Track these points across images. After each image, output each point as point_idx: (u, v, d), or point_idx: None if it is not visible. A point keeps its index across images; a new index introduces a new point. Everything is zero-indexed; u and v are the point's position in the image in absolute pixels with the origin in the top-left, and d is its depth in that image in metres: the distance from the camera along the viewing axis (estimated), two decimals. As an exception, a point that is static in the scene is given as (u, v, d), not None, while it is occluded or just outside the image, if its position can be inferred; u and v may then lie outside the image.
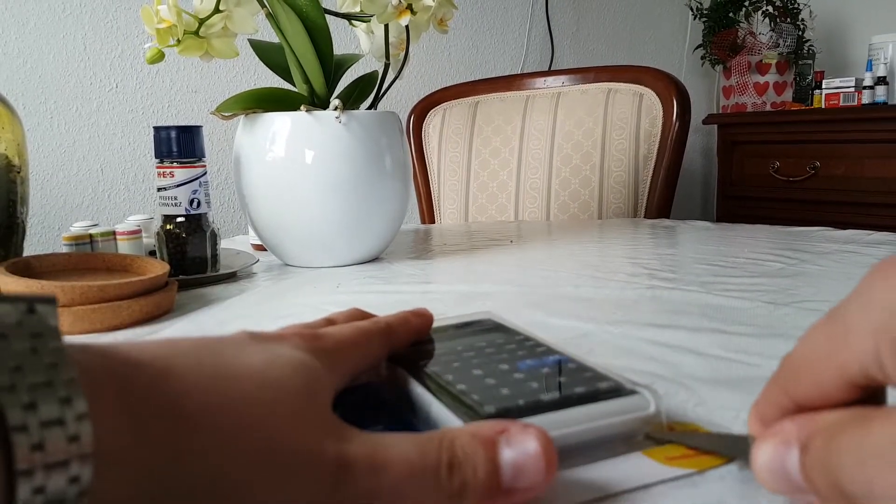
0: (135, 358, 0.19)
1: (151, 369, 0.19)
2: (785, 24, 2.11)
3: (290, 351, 0.23)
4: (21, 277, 0.45)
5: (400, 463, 0.20)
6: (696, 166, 2.42)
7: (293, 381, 0.21)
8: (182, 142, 0.59)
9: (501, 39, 1.92)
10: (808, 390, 0.20)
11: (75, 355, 0.16)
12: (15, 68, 1.29)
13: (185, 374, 0.19)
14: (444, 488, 0.20)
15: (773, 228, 0.85)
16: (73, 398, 0.15)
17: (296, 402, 0.21)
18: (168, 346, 0.21)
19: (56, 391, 0.15)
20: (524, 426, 0.21)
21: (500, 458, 0.21)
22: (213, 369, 0.20)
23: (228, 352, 0.21)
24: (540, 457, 0.21)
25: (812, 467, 0.18)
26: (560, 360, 0.29)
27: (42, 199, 1.33)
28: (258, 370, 0.21)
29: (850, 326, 0.18)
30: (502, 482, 0.20)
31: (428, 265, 0.68)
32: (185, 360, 0.20)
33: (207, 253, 0.61)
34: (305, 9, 0.62)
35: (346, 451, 0.20)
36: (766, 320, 0.43)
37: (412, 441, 0.21)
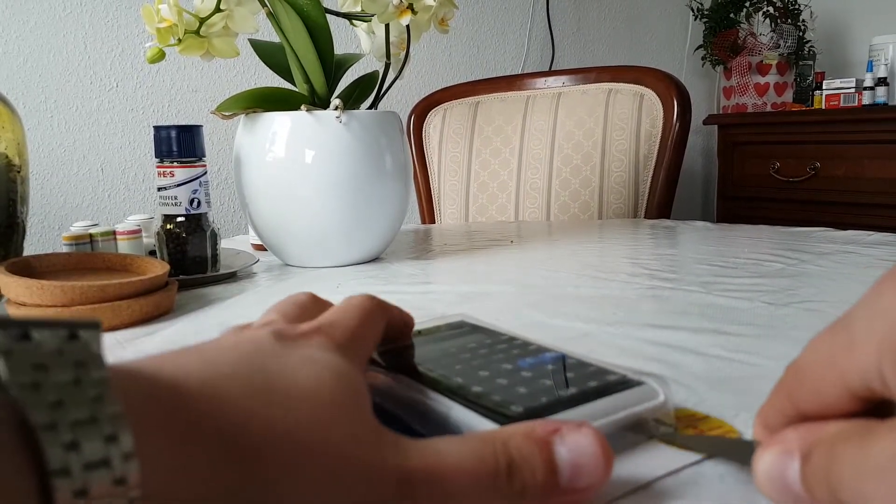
0: (183, 384, 0.18)
1: (202, 398, 0.18)
2: (785, 24, 2.11)
3: (324, 356, 0.22)
4: (21, 277, 0.45)
5: (459, 470, 0.20)
6: (696, 167, 2.42)
7: (343, 397, 0.20)
8: (182, 141, 0.59)
9: (502, 39, 1.92)
10: (810, 399, 0.20)
11: (120, 384, 0.15)
12: (15, 68, 1.29)
13: (237, 401, 0.18)
14: (504, 492, 0.20)
15: (774, 229, 0.85)
16: (119, 435, 0.14)
17: (350, 419, 0.20)
18: (211, 366, 0.19)
19: (101, 428, 0.14)
20: (577, 425, 0.21)
21: (556, 459, 0.20)
22: (265, 394, 0.19)
23: (274, 368, 0.20)
24: (598, 455, 0.21)
25: (812, 478, 0.18)
26: (558, 357, 0.29)
27: (42, 199, 1.33)
28: (310, 390, 0.20)
29: (854, 336, 0.18)
30: (560, 482, 0.20)
31: (428, 265, 0.68)
32: (234, 383, 0.19)
33: (207, 253, 0.61)
34: (306, 8, 0.62)
35: (406, 465, 0.20)
36: (766, 320, 0.43)
37: (467, 446, 0.21)
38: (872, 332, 0.17)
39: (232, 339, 0.22)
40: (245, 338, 0.22)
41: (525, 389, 0.25)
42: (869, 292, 0.18)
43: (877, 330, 0.17)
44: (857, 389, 0.18)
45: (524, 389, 0.25)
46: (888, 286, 0.18)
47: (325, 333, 0.23)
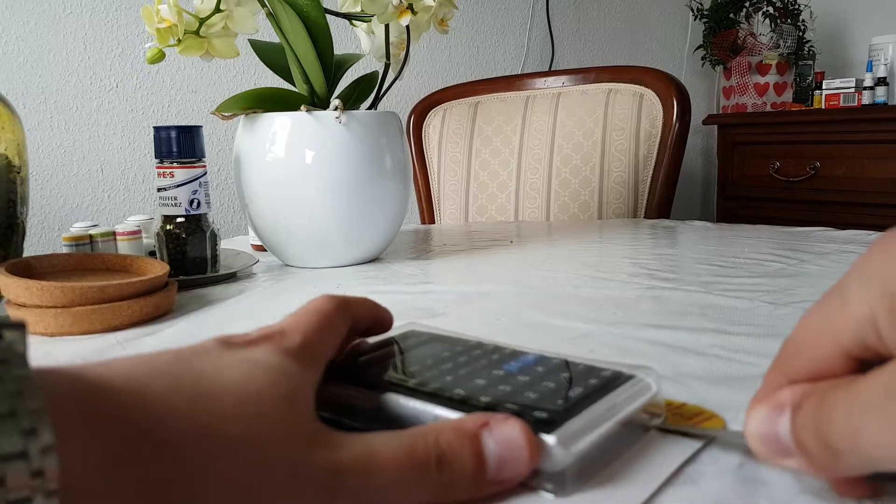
0: (108, 381, 0.18)
1: (126, 394, 0.18)
2: (785, 24, 2.11)
3: (266, 357, 0.22)
4: (21, 278, 0.45)
5: (391, 464, 0.20)
6: (696, 167, 2.42)
7: (273, 392, 0.20)
8: (182, 142, 0.59)
9: (502, 40, 1.92)
10: (804, 367, 0.20)
11: (43, 382, 0.15)
12: (15, 68, 1.29)
13: (162, 397, 0.18)
14: (434, 484, 0.21)
15: (774, 229, 0.85)
16: (38, 429, 0.14)
17: (278, 414, 0.20)
18: (145, 365, 0.20)
19: (19, 422, 0.14)
20: (505, 418, 0.22)
21: (484, 452, 0.21)
22: (192, 389, 0.19)
23: (206, 368, 0.20)
24: (524, 447, 0.21)
25: (802, 426, 0.19)
26: (539, 358, 0.29)
27: (42, 200, 1.33)
28: (237, 385, 0.20)
29: (847, 297, 0.19)
30: (487, 474, 0.21)
31: (428, 265, 0.68)
32: (163, 380, 0.19)
33: (207, 253, 0.61)
34: (306, 8, 0.62)
35: (337, 460, 0.20)
36: (766, 320, 0.43)
37: (399, 440, 0.21)
38: (865, 289, 0.18)
39: (182, 348, 0.22)
40: (192, 345, 0.22)
41: (535, 395, 0.25)
42: (859, 260, 0.19)
43: (869, 287, 0.18)
44: (851, 347, 0.19)
45: (533, 395, 0.25)
46: (877, 250, 0.19)
47: (274, 340, 0.23)
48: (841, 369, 0.19)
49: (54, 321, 0.44)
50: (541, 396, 0.25)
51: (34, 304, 0.44)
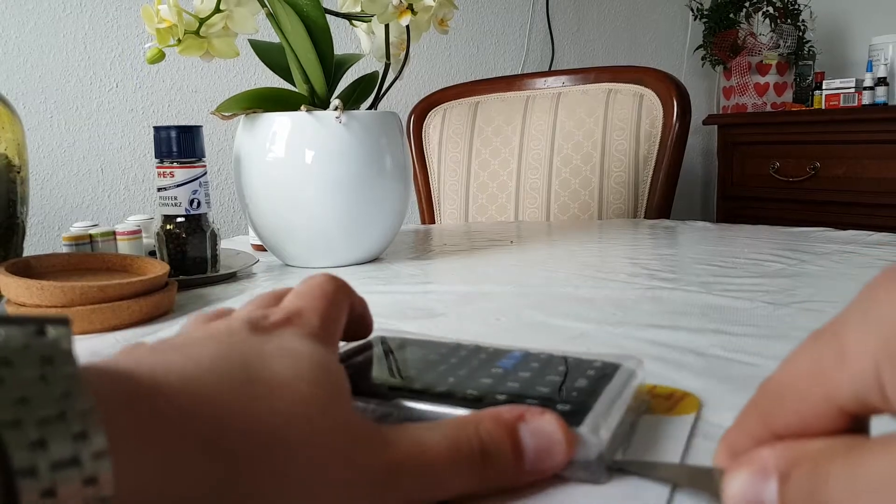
0: (162, 381, 0.17)
1: (183, 395, 0.17)
2: (785, 24, 2.11)
3: (300, 345, 0.22)
4: (21, 278, 0.45)
5: (440, 458, 0.20)
6: (696, 167, 2.42)
7: (323, 388, 0.20)
8: (182, 142, 0.59)
9: (502, 40, 1.92)
10: (789, 418, 0.18)
11: (92, 381, 0.14)
12: (15, 68, 1.29)
13: (219, 398, 0.18)
14: (479, 476, 0.21)
15: (774, 229, 0.85)
16: (90, 433, 0.13)
17: (332, 412, 0.20)
18: (191, 361, 0.19)
19: (69, 425, 0.13)
20: (540, 411, 0.22)
21: (523, 444, 0.21)
22: (247, 388, 0.19)
23: (251, 361, 0.20)
24: (561, 440, 0.21)
25: (794, 499, 0.17)
26: (528, 355, 0.29)
27: (42, 199, 1.33)
28: (288, 382, 0.20)
29: (846, 345, 0.16)
30: (525, 465, 0.21)
31: (428, 265, 0.68)
32: (214, 378, 0.18)
33: (207, 253, 0.61)
34: (306, 9, 0.62)
35: (391, 455, 0.20)
36: (766, 320, 0.43)
37: (442, 433, 0.21)
38: (867, 340, 0.16)
39: (206, 331, 0.22)
40: (220, 329, 0.22)
41: (546, 388, 0.25)
42: (858, 300, 0.17)
43: (873, 338, 0.16)
44: (846, 403, 0.17)
45: (545, 388, 0.25)
46: (882, 292, 0.16)
47: (297, 323, 0.23)
48: (831, 425, 0.17)
49: (54, 321, 0.44)
50: (553, 390, 0.25)
51: (34, 304, 0.44)
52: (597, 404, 0.24)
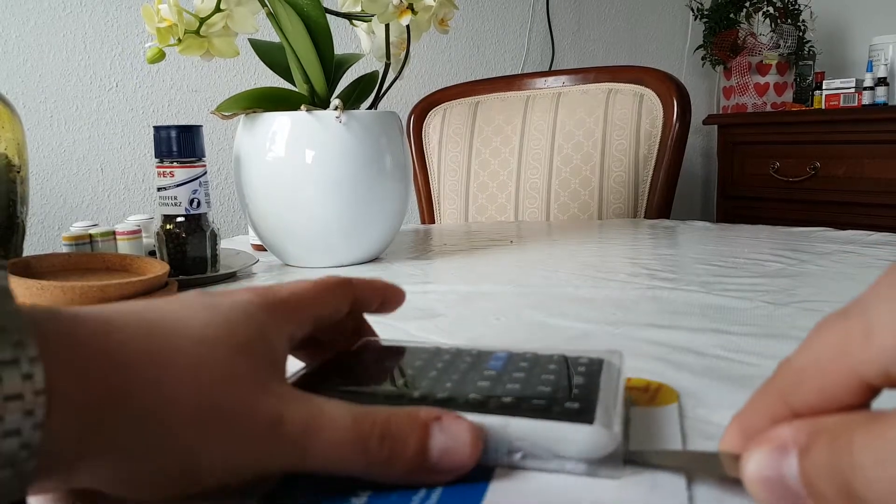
0: (83, 313, 0.20)
1: (95, 322, 0.20)
2: (785, 24, 2.11)
3: (232, 304, 0.23)
4: (21, 278, 0.45)
5: (333, 428, 0.21)
6: (696, 167, 2.42)
7: (231, 338, 0.21)
8: (182, 141, 0.59)
9: (502, 39, 1.92)
10: (811, 395, 0.18)
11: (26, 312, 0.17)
12: (15, 68, 1.29)
13: (125, 328, 0.20)
14: (372, 456, 0.21)
15: (774, 229, 0.85)
16: (25, 342, 0.16)
17: (230, 359, 0.21)
18: (119, 307, 0.21)
19: (11, 336, 0.16)
20: (456, 416, 0.22)
21: (430, 441, 0.22)
22: (151, 324, 0.21)
23: (172, 308, 0.22)
24: (468, 445, 0.22)
25: (816, 471, 0.17)
26: (512, 355, 0.29)
27: (42, 199, 1.33)
28: (197, 327, 0.21)
29: (873, 321, 0.17)
30: (428, 461, 0.22)
31: (428, 265, 0.68)
32: (129, 315, 0.21)
33: (207, 253, 0.61)
34: (306, 8, 0.62)
35: (281, 411, 0.21)
36: (766, 320, 0.43)
37: (349, 409, 0.22)
38: (891, 316, 0.17)
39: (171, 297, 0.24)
40: (182, 294, 0.24)
41: (546, 387, 0.25)
42: (881, 282, 0.18)
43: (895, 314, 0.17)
44: (872, 377, 0.17)
45: (545, 387, 0.25)
46: None
47: (255, 292, 0.24)
48: (853, 399, 0.18)
49: (54, 321, 0.44)
50: (555, 388, 0.25)
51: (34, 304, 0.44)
52: (600, 399, 0.24)
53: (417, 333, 0.43)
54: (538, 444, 0.23)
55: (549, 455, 0.23)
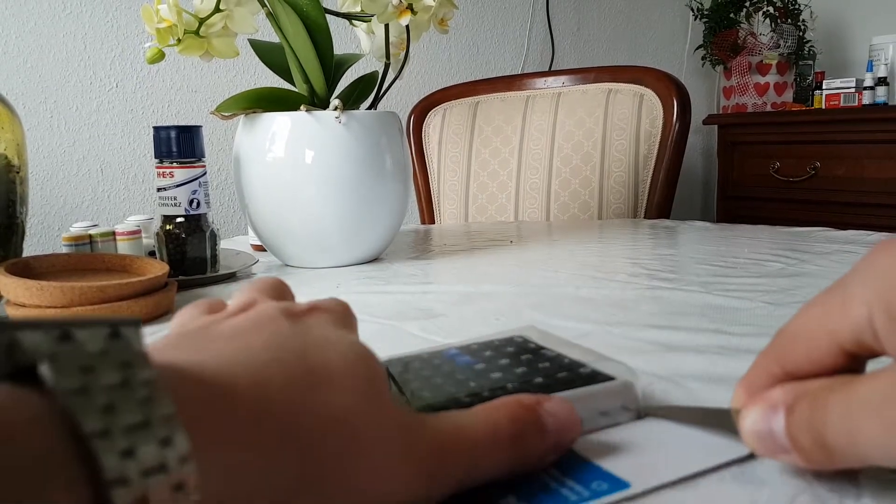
0: (231, 380, 0.17)
1: (252, 390, 0.17)
2: (785, 24, 2.11)
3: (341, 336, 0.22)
4: (20, 278, 0.45)
5: (480, 440, 0.21)
6: (696, 167, 2.42)
7: (370, 377, 0.20)
8: (182, 142, 0.59)
9: (502, 39, 1.92)
10: (799, 358, 0.21)
11: (167, 384, 0.14)
12: (15, 68, 1.29)
13: (285, 391, 0.18)
14: (512, 455, 0.22)
15: (774, 229, 0.85)
16: (174, 437, 0.13)
17: (382, 399, 0.20)
18: (251, 355, 0.19)
19: (155, 431, 0.13)
20: (548, 396, 0.24)
21: (545, 423, 0.23)
22: (308, 379, 0.19)
23: (307, 350, 0.20)
24: (576, 418, 0.23)
25: (797, 426, 0.20)
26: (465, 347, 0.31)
27: (42, 200, 1.33)
28: (344, 371, 0.20)
29: (849, 295, 0.20)
30: (549, 442, 0.23)
31: (428, 265, 0.68)
32: (278, 372, 0.18)
33: (207, 253, 0.61)
34: (306, 8, 0.62)
35: (439, 441, 0.20)
36: (766, 320, 0.43)
37: (478, 417, 0.22)
38: (865, 290, 0.19)
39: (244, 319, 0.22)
40: (259, 317, 0.22)
41: (528, 368, 0.27)
42: (861, 260, 0.20)
43: (870, 287, 0.19)
44: (846, 344, 0.20)
45: (526, 368, 0.27)
46: (881, 251, 0.20)
47: (324, 311, 0.24)
48: (835, 363, 0.20)
49: (54, 321, 0.44)
50: (553, 364, 0.28)
51: (34, 305, 0.44)
52: (587, 361, 0.28)
53: (418, 333, 0.43)
54: (589, 408, 0.26)
55: (597, 415, 0.26)
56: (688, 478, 0.23)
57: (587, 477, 0.23)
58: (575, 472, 0.23)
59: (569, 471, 0.23)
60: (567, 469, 0.23)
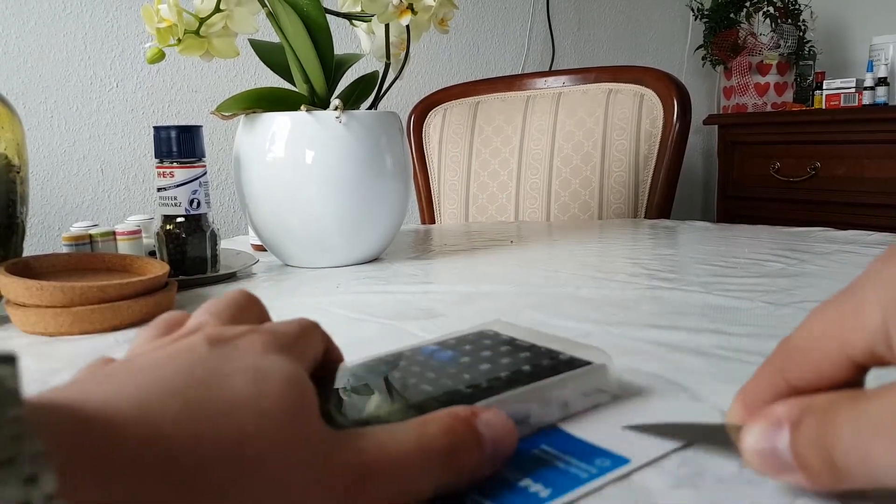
0: (116, 412, 0.17)
1: (136, 424, 0.17)
2: (786, 24, 2.11)
3: (267, 360, 0.21)
4: (20, 278, 0.45)
5: (409, 458, 0.21)
6: (696, 167, 2.42)
7: (286, 402, 0.20)
8: (182, 142, 0.59)
9: (502, 39, 1.92)
10: (807, 370, 0.20)
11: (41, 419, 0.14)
12: (15, 68, 1.29)
13: (177, 422, 0.17)
14: (447, 471, 0.21)
15: (774, 229, 0.85)
16: (40, 476, 0.13)
17: (295, 425, 0.19)
18: (146, 386, 0.18)
19: (20, 469, 0.13)
20: (483, 408, 0.23)
21: (481, 434, 0.22)
22: (205, 408, 0.18)
23: (210, 379, 0.19)
24: (510, 431, 0.23)
25: (804, 444, 0.19)
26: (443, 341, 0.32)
27: (42, 199, 1.33)
28: (249, 399, 0.19)
29: (861, 304, 0.19)
30: (486, 454, 0.22)
31: (428, 265, 0.68)
32: (172, 401, 0.18)
33: (207, 253, 0.61)
34: (306, 8, 0.62)
35: (361, 462, 0.20)
36: (766, 320, 0.43)
37: (406, 434, 0.21)
38: (879, 298, 0.18)
39: (166, 351, 0.21)
40: (179, 349, 0.21)
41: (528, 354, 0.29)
42: (873, 265, 0.19)
43: (884, 296, 0.18)
44: (859, 356, 0.19)
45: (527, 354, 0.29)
46: (891, 257, 0.19)
47: (263, 334, 0.23)
48: (844, 376, 0.19)
49: (54, 321, 0.44)
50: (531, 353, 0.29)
51: (34, 304, 0.44)
52: (561, 348, 0.29)
53: (418, 333, 0.43)
54: (572, 391, 0.27)
55: (581, 398, 0.28)
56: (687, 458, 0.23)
57: (589, 456, 0.24)
58: (577, 452, 0.24)
59: (572, 452, 0.24)
60: (570, 450, 0.25)
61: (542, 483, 0.22)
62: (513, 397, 0.26)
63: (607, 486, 0.23)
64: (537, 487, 0.22)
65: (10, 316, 0.46)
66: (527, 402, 0.26)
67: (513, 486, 0.22)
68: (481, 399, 0.25)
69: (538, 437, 0.26)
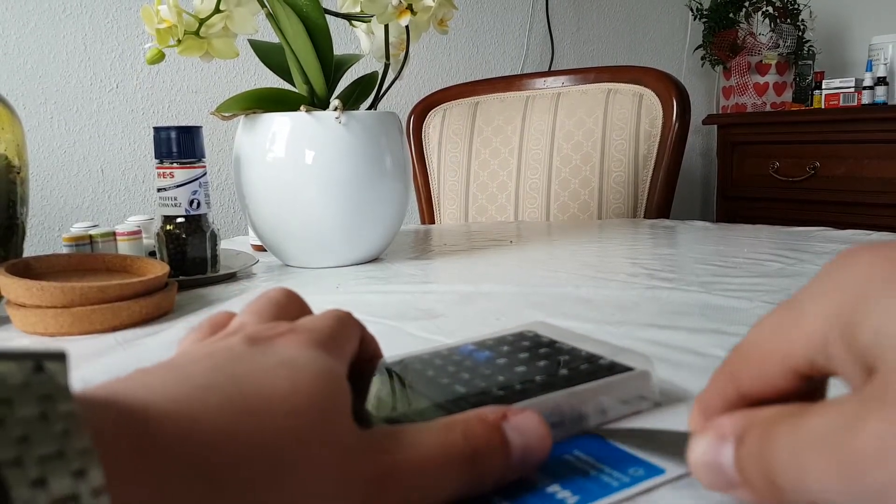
0: (153, 407, 0.17)
1: (174, 419, 0.17)
2: (785, 24, 2.11)
3: (300, 355, 0.21)
4: (21, 278, 0.45)
5: (432, 461, 0.21)
6: (695, 167, 2.42)
7: (321, 399, 0.20)
8: (182, 142, 0.59)
9: (501, 40, 1.92)
10: (753, 378, 0.20)
11: (89, 416, 0.15)
12: (15, 68, 1.29)
13: (211, 417, 0.18)
14: (469, 475, 0.21)
15: (773, 229, 0.85)
16: (88, 470, 0.13)
17: (328, 422, 0.20)
18: (185, 382, 0.19)
19: (69, 463, 0.13)
20: (520, 410, 0.23)
21: (510, 441, 0.22)
22: (239, 406, 0.18)
23: (248, 377, 0.20)
24: (545, 434, 0.22)
25: (746, 460, 0.18)
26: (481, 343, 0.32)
27: (42, 200, 1.33)
28: (282, 395, 0.19)
29: (801, 314, 0.18)
30: (513, 461, 0.22)
31: (428, 265, 0.68)
32: (209, 396, 0.18)
33: (207, 253, 0.61)
34: (306, 9, 0.62)
35: (385, 463, 0.20)
36: (766, 320, 0.43)
37: (430, 437, 0.21)
38: (820, 308, 0.18)
39: (206, 348, 0.22)
40: (219, 346, 0.22)
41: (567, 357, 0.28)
42: (819, 273, 0.19)
43: (824, 306, 0.18)
44: (800, 366, 0.19)
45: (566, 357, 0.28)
46: (837, 265, 0.18)
47: (301, 333, 0.23)
48: (789, 385, 0.19)
49: (54, 321, 0.44)
50: (571, 356, 0.29)
51: (34, 305, 0.44)
52: (602, 353, 0.28)
53: (418, 334, 0.43)
54: (611, 398, 0.27)
55: (619, 404, 0.27)
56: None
57: (623, 464, 0.23)
58: (611, 460, 0.24)
59: (605, 459, 0.24)
60: (603, 458, 0.24)
61: (571, 489, 0.22)
62: (546, 401, 0.25)
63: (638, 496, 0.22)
64: (565, 494, 0.22)
65: (11, 316, 0.46)
66: (561, 406, 0.25)
67: (539, 490, 0.22)
68: (513, 402, 0.25)
69: (572, 441, 0.25)
